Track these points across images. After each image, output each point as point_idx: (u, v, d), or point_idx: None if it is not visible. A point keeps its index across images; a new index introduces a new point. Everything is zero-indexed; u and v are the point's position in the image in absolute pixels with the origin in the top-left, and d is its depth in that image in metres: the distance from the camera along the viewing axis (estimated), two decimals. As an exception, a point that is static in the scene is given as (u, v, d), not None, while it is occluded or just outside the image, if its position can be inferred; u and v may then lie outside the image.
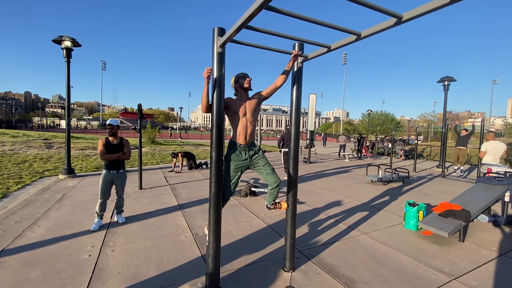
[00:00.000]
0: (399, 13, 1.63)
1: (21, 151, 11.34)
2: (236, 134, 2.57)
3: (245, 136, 2.57)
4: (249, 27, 1.92)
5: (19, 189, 6.17)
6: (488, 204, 4.21)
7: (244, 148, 2.60)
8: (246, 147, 2.61)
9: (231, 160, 2.58)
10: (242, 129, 2.55)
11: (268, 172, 2.70)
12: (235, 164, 2.59)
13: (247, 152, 2.62)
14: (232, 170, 2.59)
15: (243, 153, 2.60)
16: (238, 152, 2.59)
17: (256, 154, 2.68)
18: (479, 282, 2.69)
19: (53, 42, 7.41)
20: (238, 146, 2.58)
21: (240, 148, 2.59)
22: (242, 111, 2.55)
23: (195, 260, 3.03)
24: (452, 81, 11.45)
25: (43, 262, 2.92)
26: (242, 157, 2.60)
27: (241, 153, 2.60)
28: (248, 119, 2.57)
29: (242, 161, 2.61)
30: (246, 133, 2.57)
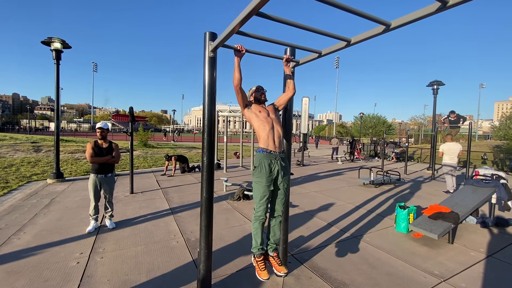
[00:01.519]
0: (388, 21, 1.66)
1: (8, 154, 11.02)
2: (265, 137, 2.36)
3: (274, 139, 2.36)
4: (240, 33, 1.93)
5: (5, 194, 5.99)
6: (476, 206, 4.30)
7: (276, 157, 2.35)
8: (278, 156, 2.36)
9: (262, 172, 2.30)
10: (270, 130, 2.37)
11: (282, 199, 2.43)
12: (266, 177, 2.30)
13: (279, 161, 2.36)
14: (264, 185, 2.30)
15: (275, 162, 2.33)
16: (269, 160, 2.32)
17: (286, 170, 2.42)
18: (468, 284, 2.74)
19: (42, 43, 7.27)
20: (269, 154, 2.33)
21: (271, 157, 2.33)
22: (265, 111, 2.47)
23: (186, 266, 2.99)
24: (441, 85, 11.72)
25: (29, 270, 2.84)
26: (273, 167, 2.32)
27: (272, 162, 2.32)
28: (274, 119, 2.45)
29: (274, 171, 2.33)
30: (275, 135, 2.38)
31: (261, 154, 2.35)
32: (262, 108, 2.51)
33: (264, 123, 2.39)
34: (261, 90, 2.60)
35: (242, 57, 2.30)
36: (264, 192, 2.31)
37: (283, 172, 2.38)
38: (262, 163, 2.32)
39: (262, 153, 2.35)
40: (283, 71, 2.64)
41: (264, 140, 2.36)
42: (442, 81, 11.76)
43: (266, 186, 2.31)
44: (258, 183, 2.33)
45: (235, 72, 2.31)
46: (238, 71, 2.30)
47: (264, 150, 2.35)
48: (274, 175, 2.34)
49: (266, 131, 2.37)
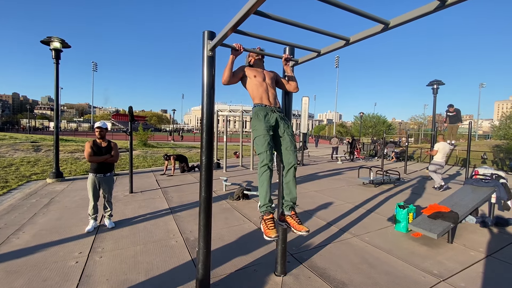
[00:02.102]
0: (386, 20, 1.66)
1: (8, 154, 11.02)
2: (259, 96, 2.35)
3: (268, 98, 2.34)
4: (238, 31, 1.93)
5: (4, 193, 5.99)
6: (475, 206, 4.30)
7: (272, 109, 2.33)
8: (275, 109, 2.34)
9: (258, 119, 2.27)
10: (264, 91, 2.35)
11: (289, 147, 2.28)
12: (264, 122, 2.23)
13: (276, 112, 2.33)
14: (263, 129, 2.19)
15: (271, 113, 2.30)
16: (265, 111, 2.29)
17: (286, 120, 2.37)
18: (467, 283, 2.74)
19: (42, 43, 7.26)
20: (264, 107, 2.32)
21: (267, 109, 2.31)
22: (261, 75, 2.42)
23: (185, 265, 2.98)
24: (441, 84, 11.71)
25: (27, 269, 2.83)
26: (270, 116, 2.28)
27: (268, 113, 2.29)
28: (268, 84, 2.41)
29: (271, 119, 2.27)
30: (269, 96, 2.35)
31: (256, 108, 2.34)
32: (258, 72, 2.44)
33: (258, 85, 2.38)
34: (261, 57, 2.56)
35: (238, 56, 2.29)
36: (265, 137, 2.16)
37: (283, 121, 2.33)
38: (258, 113, 2.30)
39: (257, 106, 2.35)
40: (283, 70, 2.63)
41: (258, 98, 2.35)
42: (442, 80, 11.75)
43: (265, 130, 2.18)
44: (256, 131, 2.23)
45: (226, 70, 2.28)
46: (229, 70, 2.28)
47: (259, 104, 2.34)
48: (272, 122, 2.27)
49: (259, 91, 2.36)
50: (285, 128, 2.32)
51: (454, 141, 9.84)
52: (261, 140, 2.17)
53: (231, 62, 2.28)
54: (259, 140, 2.18)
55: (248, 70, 2.45)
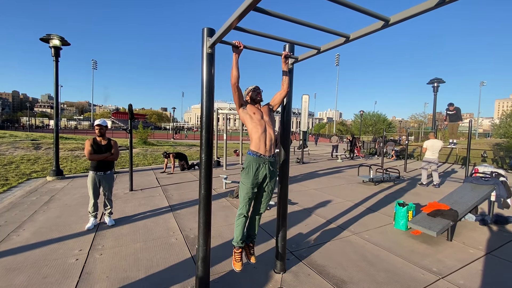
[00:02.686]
0: (387, 16, 1.65)
1: (8, 152, 11.03)
2: (256, 140, 2.38)
3: (265, 143, 2.38)
4: (238, 28, 1.92)
5: (4, 191, 6.00)
6: (475, 204, 4.30)
7: (265, 161, 2.38)
8: (267, 161, 2.39)
9: (249, 174, 2.37)
10: (262, 133, 2.38)
11: (265, 199, 2.53)
12: (252, 179, 2.36)
13: (268, 165, 2.40)
14: (249, 187, 2.38)
15: (263, 166, 2.38)
16: (258, 164, 2.37)
17: (273, 174, 2.47)
18: (466, 281, 2.74)
19: (41, 40, 7.24)
20: (258, 158, 2.37)
21: (260, 161, 2.37)
22: (259, 113, 2.47)
23: (185, 263, 2.99)
24: (441, 82, 11.70)
25: (28, 267, 2.84)
26: (260, 171, 2.37)
27: (260, 166, 2.37)
28: (267, 122, 2.46)
29: (260, 175, 2.38)
30: (266, 139, 2.39)
31: (251, 157, 2.40)
32: (257, 109, 2.50)
33: (257, 125, 2.40)
34: (258, 90, 2.60)
35: (240, 53, 2.28)
36: (248, 193, 2.41)
37: (269, 176, 2.44)
38: (251, 165, 2.38)
39: (252, 155, 2.40)
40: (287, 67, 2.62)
41: (256, 143, 2.39)
42: (442, 78, 11.73)
43: (250, 188, 2.39)
44: (244, 184, 2.42)
45: (233, 70, 2.29)
46: (236, 69, 2.29)
47: (255, 153, 2.39)
48: (260, 179, 2.40)
49: (258, 133, 2.38)
50: (269, 182, 2.46)
51: (455, 140, 9.82)
52: (245, 192, 2.42)
53: (236, 61, 2.28)
54: (243, 192, 2.43)
55: (249, 106, 2.51)
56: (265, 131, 2.41)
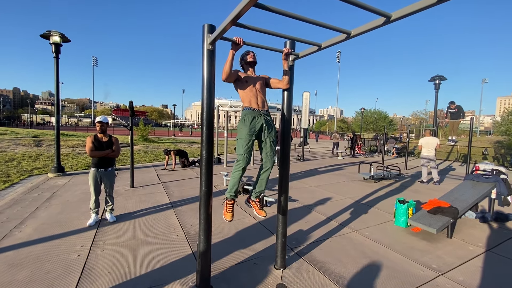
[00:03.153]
0: (388, 13, 1.64)
1: (9, 149, 11.06)
2: (248, 100, 2.53)
3: (257, 103, 2.53)
4: (239, 25, 1.91)
5: (6, 188, 6.03)
6: (475, 201, 4.30)
7: (260, 113, 2.53)
8: (262, 113, 2.54)
9: (245, 123, 2.49)
10: (253, 96, 2.54)
11: (268, 152, 2.59)
12: (249, 127, 2.47)
13: (263, 116, 2.54)
14: (245, 134, 2.47)
15: (258, 117, 2.51)
16: (253, 115, 2.50)
17: (270, 126, 2.59)
18: (465, 277, 2.76)
19: (41, 37, 7.22)
20: (252, 111, 2.52)
21: (255, 113, 2.52)
22: (251, 81, 2.58)
23: (186, 259, 3.01)
24: (443, 79, 11.64)
25: (30, 262, 2.87)
26: (256, 121, 2.50)
27: (255, 117, 2.50)
28: (257, 89, 2.58)
29: (256, 124, 2.50)
30: (258, 100, 2.54)
31: (246, 111, 2.54)
32: (249, 77, 2.60)
33: (247, 92, 2.55)
34: (250, 52, 2.69)
35: (237, 50, 2.30)
36: (246, 141, 2.46)
37: (267, 126, 2.56)
38: (246, 117, 2.51)
39: (246, 110, 2.54)
40: (282, 67, 2.62)
41: (248, 102, 2.55)
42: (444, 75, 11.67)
43: (248, 135, 2.46)
44: (241, 134, 2.50)
45: (226, 64, 2.35)
46: (229, 65, 2.34)
47: (248, 108, 2.53)
48: (256, 128, 2.50)
49: (249, 96, 2.54)
50: (268, 133, 2.57)
51: (455, 137, 9.78)
52: (242, 143, 2.49)
53: (231, 57, 2.32)
54: (241, 143, 2.50)
55: (240, 75, 2.61)
56: (256, 96, 2.56)
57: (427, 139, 7.69)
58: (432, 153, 7.53)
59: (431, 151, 7.55)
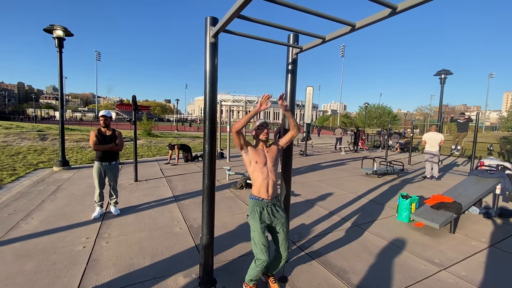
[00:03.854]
0: (394, 4, 1.60)
1: (15, 143, 11.19)
2: (257, 186, 2.32)
3: (267, 189, 2.30)
4: (242, 17, 1.88)
5: (12, 181, 6.12)
6: (479, 197, 4.28)
7: (267, 204, 2.32)
8: (270, 204, 2.33)
9: (255, 217, 2.29)
10: (264, 180, 2.30)
11: (283, 245, 2.38)
12: (260, 221, 2.28)
13: (270, 208, 2.34)
14: (259, 230, 2.26)
15: (266, 209, 2.32)
16: (261, 207, 2.31)
17: (281, 214, 2.39)
18: (468, 272, 2.76)
19: (44, 31, 7.22)
20: (260, 202, 2.31)
21: (263, 204, 2.31)
22: (262, 160, 2.34)
23: (189, 251, 3.05)
24: (449, 74, 11.47)
25: (37, 253, 2.93)
26: (265, 213, 2.31)
27: (263, 209, 2.32)
28: (269, 168, 2.34)
29: (266, 218, 2.32)
30: (268, 186, 2.31)
31: (253, 201, 2.34)
32: (260, 154, 2.35)
33: (258, 173, 2.31)
34: (264, 126, 2.41)
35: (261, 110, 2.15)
36: (260, 237, 2.25)
37: (276, 218, 2.36)
38: (254, 209, 2.32)
39: (254, 200, 2.34)
40: (286, 61, 2.61)
41: (257, 188, 2.32)
42: (450, 70, 11.49)
43: (260, 231, 2.26)
44: (253, 229, 2.30)
45: (243, 119, 2.19)
46: (246, 121, 2.19)
47: (256, 197, 2.32)
48: (266, 221, 2.31)
49: (259, 180, 2.30)
50: (280, 224, 2.36)
51: (459, 146, 9.58)
52: (257, 237, 2.25)
53: (252, 115, 2.18)
54: (256, 238, 2.27)
55: (252, 151, 2.36)
56: (267, 178, 2.32)
57: (431, 134, 7.62)
58: (435, 149, 7.46)
59: (434, 146, 7.48)
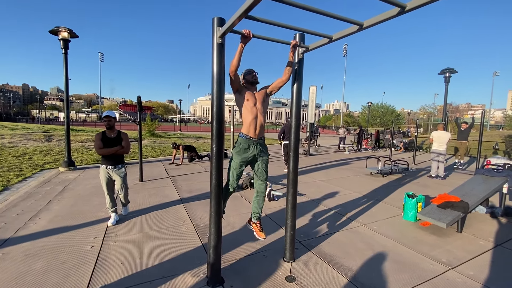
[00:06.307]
0: (403, 3, 1.60)
1: (21, 143, 11.32)
2: (247, 125, 2.62)
3: (255, 128, 2.62)
4: (249, 17, 1.89)
5: (19, 181, 6.19)
6: (486, 196, 4.24)
7: (254, 142, 2.65)
8: (256, 142, 2.66)
9: (239, 153, 2.65)
10: (253, 120, 2.61)
11: (262, 178, 2.79)
12: (241, 157, 2.65)
13: (256, 146, 2.67)
14: (237, 163, 2.66)
15: (252, 147, 2.65)
16: (246, 146, 2.64)
17: (263, 154, 2.74)
18: (476, 272, 2.74)
19: (50, 33, 7.29)
20: (248, 139, 2.63)
21: (250, 142, 2.64)
22: (252, 100, 2.64)
23: (196, 251, 3.07)
24: (453, 72, 11.38)
25: (46, 253, 2.96)
26: (249, 152, 2.66)
27: (249, 147, 2.65)
28: (258, 109, 2.64)
29: (249, 155, 2.66)
30: (256, 124, 2.62)
31: (242, 139, 2.66)
32: (251, 95, 2.66)
33: (248, 112, 2.61)
34: (252, 72, 2.73)
35: (247, 43, 2.30)
36: (236, 169, 2.68)
37: (259, 155, 2.71)
38: (241, 144, 2.66)
39: (242, 138, 2.66)
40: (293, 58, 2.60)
41: (246, 127, 2.63)
42: (454, 68, 11.40)
43: (239, 164, 2.66)
44: (233, 160, 2.69)
45: (235, 58, 2.35)
46: (238, 58, 2.35)
47: (245, 135, 2.64)
48: (249, 157, 2.67)
49: (249, 119, 2.61)
50: (261, 160, 2.75)
51: (462, 160, 9.27)
52: (233, 168, 2.70)
53: (240, 50, 2.33)
54: (232, 168, 2.71)
55: (244, 91, 2.66)
56: (256, 118, 2.62)
57: (440, 133, 7.55)
58: (443, 148, 7.41)
59: (442, 145, 7.42)
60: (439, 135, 7.53)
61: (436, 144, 7.55)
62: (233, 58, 2.36)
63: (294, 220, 2.87)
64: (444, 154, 7.44)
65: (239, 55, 2.33)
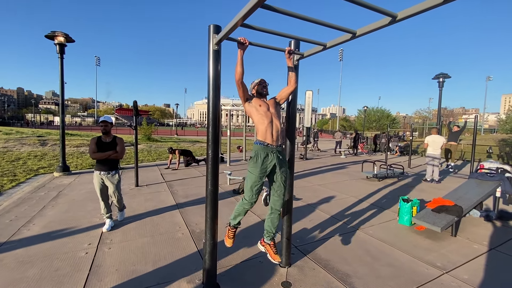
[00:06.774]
0: (394, 12, 1.65)
1: (15, 148, 11.19)
2: (263, 131, 2.37)
3: (271, 133, 2.38)
4: (245, 25, 1.93)
5: (13, 187, 6.11)
6: (480, 200, 4.29)
7: (273, 150, 2.38)
8: (275, 149, 2.39)
9: (256, 164, 2.36)
10: (269, 124, 2.38)
11: (279, 193, 2.46)
12: (260, 168, 2.35)
13: (275, 154, 2.39)
14: (257, 175, 2.35)
15: (271, 155, 2.38)
16: (265, 154, 2.36)
17: (284, 165, 2.47)
18: (470, 276, 2.76)
19: (46, 37, 7.28)
20: (266, 147, 2.36)
21: (268, 150, 2.37)
22: (265, 105, 2.47)
23: (192, 257, 3.05)
24: (447, 77, 11.57)
25: (39, 260, 2.92)
26: (268, 161, 2.37)
27: (268, 156, 2.37)
28: (273, 113, 2.45)
29: (268, 165, 2.38)
30: (273, 129, 2.39)
31: (258, 146, 2.40)
32: (263, 102, 2.50)
33: (263, 117, 2.40)
34: (263, 83, 2.61)
35: (245, 50, 2.30)
36: (255, 182, 2.37)
37: (279, 165, 2.42)
38: (258, 154, 2.38)
39: (259, 145, 2.40)
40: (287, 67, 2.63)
41: (262, 133, 2.39)
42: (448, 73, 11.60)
43: (258, 177, 2.36)
44: (252, 173, 2.38)
45: (237, 66, 2.32)
46: (240, 65, 2.31)
47: (262, 142, 2.39)
48: (268, 168, 2.39)
49: (264, 124, 2.39)
50: (280, 173, 2.43)
51: (453, 163, 9.41)
52: (252, 181, 2.38)
53: (241, 57, 2.30)
54: (250, 181, 2.38)
55: (254, 99, 2.51)
56: (272, 122, 2.41)
57: (434, 137, 7.65)
58: (437, 152, 7.49)
59: (436, 150, 7.51)
60: (433, 139, 7.62)
61: (430, 148, 7.63)
62: (236, 66, 2.31)
63: (290, 226, 2.88)
64: (439, 158, 7.53)
65: (240, 62, 2.29)
